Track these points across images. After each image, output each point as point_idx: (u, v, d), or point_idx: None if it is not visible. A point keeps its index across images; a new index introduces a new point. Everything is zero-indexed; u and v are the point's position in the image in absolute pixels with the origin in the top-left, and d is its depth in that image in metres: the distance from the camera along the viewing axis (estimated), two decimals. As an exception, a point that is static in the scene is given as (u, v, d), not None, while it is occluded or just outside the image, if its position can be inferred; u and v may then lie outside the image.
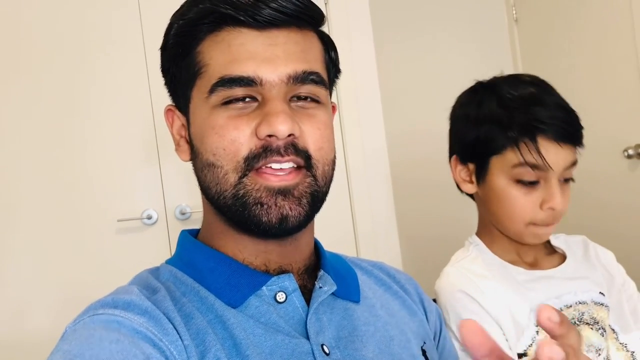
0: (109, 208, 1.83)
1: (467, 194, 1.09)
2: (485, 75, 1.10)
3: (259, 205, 0.63)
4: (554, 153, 0.95)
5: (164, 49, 0.72)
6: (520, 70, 2.56)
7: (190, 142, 0.71)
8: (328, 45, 0.73)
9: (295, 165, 0.64)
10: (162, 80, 0.75)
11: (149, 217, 1.86)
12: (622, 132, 2.11)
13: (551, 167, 0.95)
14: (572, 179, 1.00)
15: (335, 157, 0.70)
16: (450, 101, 1.11)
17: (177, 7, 0.71)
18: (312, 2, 0.69)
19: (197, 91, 0.68)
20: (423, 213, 2.36)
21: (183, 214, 1.89)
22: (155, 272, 0.71)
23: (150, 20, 1.90)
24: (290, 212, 0.63)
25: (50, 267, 1.78)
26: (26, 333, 1.74)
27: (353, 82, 2.01)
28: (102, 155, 1.85)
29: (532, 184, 0.97)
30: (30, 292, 1.77)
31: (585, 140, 1.04)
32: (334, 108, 0.76)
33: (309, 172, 0.65)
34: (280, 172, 0.64)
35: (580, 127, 0.99)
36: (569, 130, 0.97)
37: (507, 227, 1.01)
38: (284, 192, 0.63)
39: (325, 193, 0.69)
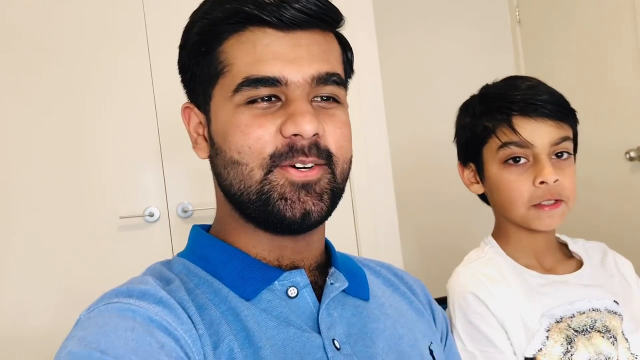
0: (111, 205, 1.83)
1: (482, 200, 1.13)
2: (488, 76, 1.12)
3: (283, 201, 0.65)
4: (530, 129, 0.99)
5: (183, 46, 0.72)
6: (523, 71, 2.56)
7: (210, 140, 0.71)
8: (346, 47, 0.75)
9: (318, 163, 0.66)
10: (164, 79, 0.75)
11: (151, 215, 1.87)
12: (624, 134, 2.11)
13: (531, 143, 0.99)
14: (569, 153, 1.03)
15: (352, 155, 0.72)
16: (454, 104, 1.13)
17: (180, 8, 0.71)
18: (332, 3, 0.70)
19: (220, 89, 0.68)
20: (426, 221, 2.37)
21: (185, 211, 1.89)
22: (167, 264, 0.72)
23: (154, 20, 1.89)
24: (312, 208, 0.65)
25: (52, 264, 1.78)
26: (29, 330, 1.74)
27: (356, 88, 2.01)
28: (104, 153, 1.85)
29: (521, 164, 1.01)
30: (33, 288, 1.77)
31: (587, 142, 1.06)
32: None
33: (329, 168, 0.67)
34: (303, 169, 0.65)
35: (559, 103, 1.02)
36: (540, 105, 1.00)
37: (512, 214, 1.03)
38: (306, 187, 0.65)
39: (343, 190, 0.70)
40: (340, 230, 1.99)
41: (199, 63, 0.70)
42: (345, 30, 0.75)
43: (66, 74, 1.83)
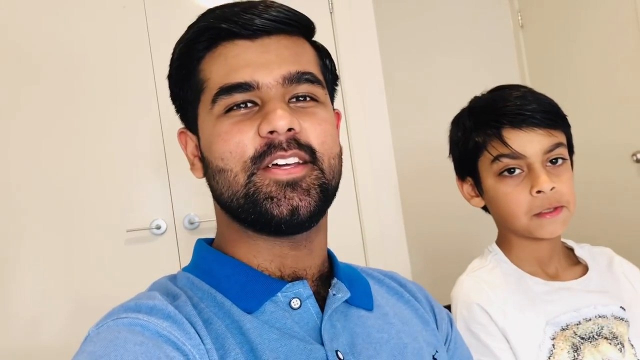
0: (118, 218, 1.84)
1: (485, 211, 1.12)
2: (491, 81, 1.12)
3: (269, 200, 0.65)
4: (521, 140, 0.99)
5: (170, 76, 0.75)
6: (527, 75, 2.56)
7: (201, 156, 0.73)
8: (322, 53, 0.76)
9: (301, 161, 0.66)
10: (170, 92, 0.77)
11: (158, 227, 1.87)
12: (630, 136, 2.11)
13: (523, 154, 0.99)
14: (564, 159, 1.02)
15: (341, 152, 0.72)
16: (457, 109, 1.13)
17: (183, 19, 0.73)
18: (301, 13, 0.72)
19: (202, 106, 0.71)
20: (432, 224, 2.36)
21: (192, 223, 1.90)
22: (173, 279, 0.73)
23: (158, 32, 1.91)
24: (300, 203, 0.65)
25: (60, 278, 1.79)
26: (37, 343, 1.75)
27: (359, 93, 2.02)
28: (111, 166, 1.86)
29: (516, 175, 1.00)
30: (41, 302, 1.77)
31: (593, 145, 1.05)
32: (338, 115, 0.78)
33: (315, 165, 0.67)
34: (286, 166, 0.66)
35: (549, 110, 1.02)
36: (529, 115, 1.00)
37: (514, 225, 1.03)
38: (292, 185, 0.65)
39: (335, 187, 0.70)
40: (347, 237, 1.99)
41: (184, 87, 0.73)
42: (346, 35, 0.77)
43: (72, 88, 1.85)
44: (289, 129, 0.65)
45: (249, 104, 0.68)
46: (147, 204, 1.89)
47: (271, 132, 0.65)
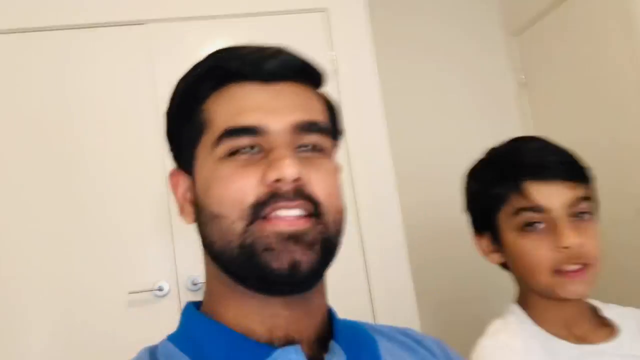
0: (120, 280, 1.81)
1: (503, 268, 1.08)
2: (491, 138, 1.11)
3: (268, 252, 0.60)
4: (543, 193, 0.95)
5: (168, 113, 0.72)
6: (532, 134, 2.55)
7: (195, 201, 0.69)
8: (330, 106, 0.74)
9: (305, 213, 0.62)
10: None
11: (160, 289, 1.84)
12: (638, 192, 2.09)
13: (547, 207, 0.95)
14: (589, 213, 0.98)
15: (345, 206, 0.68)
16: (460, 162, 1.12)
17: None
18: (313, 61, 0.70)
19: (202, 147, 0.67)
20: (438, 262, 2.30)
21: (195, 284, 1.86)
22: (153, 350, 0.68)
23: (164, 89, 1.93)
24: (302, 258, 0.60)
25: (60, 341, 1.74)
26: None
27: (359, 137, 1.99)
28: (114, 227, 1.84)
29: (540, 229, 0.96)
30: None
31: (600, 200, 1.03)
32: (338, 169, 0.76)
33: (320, 219, 0.63)
34: (288, 218, 0.61)
35: (570, 162, 0.99)
36: (550, 167, 0.97)
37: (535, 283, 0.98)
38: (295, 237, 0.60)
39: (338, 244, 0.66)
40: (349, 269, 1.92)
41: (183, 125, 0.69)
42: (348, 83, 0.75)
43: (74, 145, 1.86)
44: (295, 179, 0.61)
45: (255, 149, 0.64)
46: (150, 265, 1.86)
47: (276, 181, 0.61)
